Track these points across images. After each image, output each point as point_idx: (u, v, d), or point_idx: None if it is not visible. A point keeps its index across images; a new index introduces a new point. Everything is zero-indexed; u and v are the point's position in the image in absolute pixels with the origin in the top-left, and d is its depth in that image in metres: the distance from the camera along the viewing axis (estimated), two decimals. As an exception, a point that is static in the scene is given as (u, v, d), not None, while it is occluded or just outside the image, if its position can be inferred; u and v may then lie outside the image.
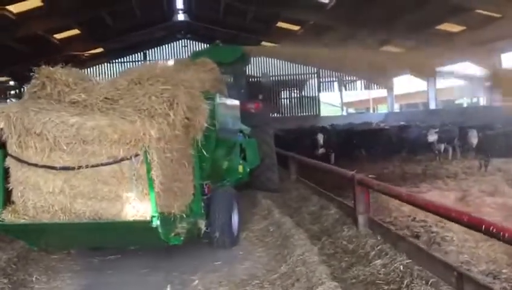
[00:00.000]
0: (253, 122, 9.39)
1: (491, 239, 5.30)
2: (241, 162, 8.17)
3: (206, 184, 5.95)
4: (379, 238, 5.73)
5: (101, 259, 5.91)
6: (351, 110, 41.03)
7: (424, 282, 4.40)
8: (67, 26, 21.36)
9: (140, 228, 4.61)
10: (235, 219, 6.34)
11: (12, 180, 4.73)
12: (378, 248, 5.41)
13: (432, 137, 14.59)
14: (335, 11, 19.38)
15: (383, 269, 4.91)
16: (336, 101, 36.97)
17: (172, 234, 4.97)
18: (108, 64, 31.85)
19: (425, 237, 6.17)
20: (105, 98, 4.91)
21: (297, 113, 33.82)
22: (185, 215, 5.21)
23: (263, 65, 32.08)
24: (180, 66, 7.08)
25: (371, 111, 37.55)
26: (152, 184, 4.49)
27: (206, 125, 5.48)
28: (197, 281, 4.98)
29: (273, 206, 7.82)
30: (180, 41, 32.13)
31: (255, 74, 30.39)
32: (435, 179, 11.06)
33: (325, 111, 35.65)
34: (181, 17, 27.25)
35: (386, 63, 25.41)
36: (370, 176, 6.55)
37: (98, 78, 5.53)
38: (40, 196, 4.66)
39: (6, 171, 4.74)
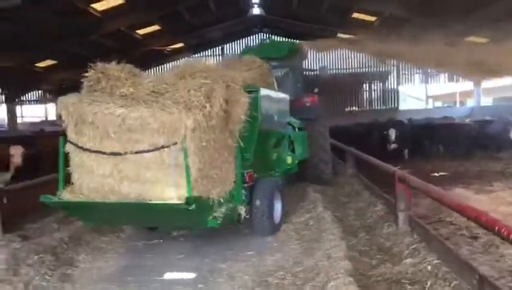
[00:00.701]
0: (308, 116, 9.70)
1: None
2: (289, 153, 8.45)
3: (247, 173, 6.33)
4: (416, 237, 5.78)
5: (145, 243, 6.47)
6: (438, 104, 39.39)
7: (447, 283, 4.46)
8: (148, 22, 22.70)
9: (178, 209, 5.10)
10: (277, 208, 6.71)
11: (71, 164, 5.46)
12: (413, 247, 5.47)
13: None
14: (413, 1, 18.83)
15: (411, 269, 4.97)
16: (421, 94, 35.75)
17: (210, 218, 5.41)
18: (190, 59, 33.37)
19: (484, 238, 6.07)
20: (152, 91, 5.48)
21: (376, 106, 33.19)
22: (223, 201, 5.64)
23: (340, 58, 31.90)
24: (228, 62, 7.54)
25: (457, 105, 35.65)
26: (188, 170, 4.97)
27: (245, 117, 5.84)
28: (224, 269, 5.29)
29: (319, 200, 7.93)
30: (257, 35, 32.77)
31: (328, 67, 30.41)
32: (510, 178, 10.80)
33: (408, 104, 34.59)
34: (256, 11, 27.75)
35: (471, 54, 24.20)
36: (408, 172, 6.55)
37: (149, 73, 6.13)
38: (93, 178, 5.34)
39: (66, 156, 5.47)
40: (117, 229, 6.98)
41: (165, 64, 31.75)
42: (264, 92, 6.80)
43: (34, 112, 34.47)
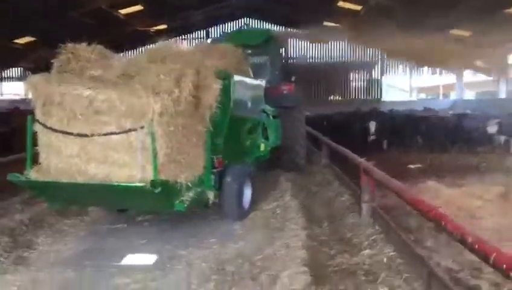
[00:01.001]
0: (286, 103, 9.85)
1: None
2: (262, 140, 8.59)
3: (217, 158, 6.43)
4: (377, 228, 5.95)
5: (108, 227, 6.48)
6: (422, 96, 39.90)
7: (399, 276, 4.62)
8: (130, 2, 22.63)
9: (144, 192, 5.17)
10: (247, 194, 6.86)
11: (39, 144, 5.51)
12: (373, 238, 5.64)
13: (492, 128, 14.50)
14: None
15: (368, 260, 5.11)
16: (406, 85, 36.18)
17: (177, 201, 5.52)
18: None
19: None
20: (122, 74, 5.55)
21: (360, 96, 33.53)
22: (191, 185, 5.74)
23: (326, 47, 32.02)
24: (201, 48, 7.62)
25: (440, 97, 36.19)
26: (155, 154, 5.08)
27: (216, 103, 5.94)
28: (184, 256, 5.34)
29: (289, 189, 8.04)
30: (242, 19, 32.75)
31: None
32: (485, 173, 10.98)
33: (393, 96, 35.03)
34: (240, -5, 27.69)
35: (454, 48, 24.52)
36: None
37: (121, 55, 6.18)
38: (61, 159, 5.40)
39: (34, 136, 5.52)
40: (82, 212, 6.98)
41: (150, 45, 31.47)
42: (236, 78, 6.86)
43: (14, 89, 34.08)
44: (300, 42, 32.50)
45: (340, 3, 22.94)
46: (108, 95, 5.07)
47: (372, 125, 15.80)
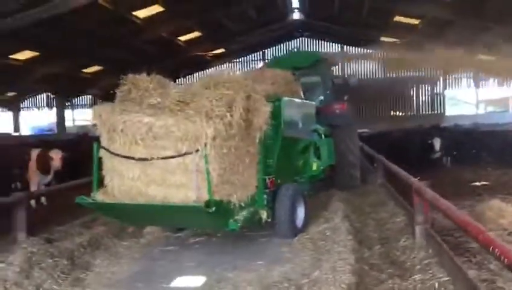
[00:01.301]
0: (338, 122, 10.15)
1: None
2: (315, 160, 8.81)
3: (269, 178, 6.72)
4: (430, 251, 5.75)
5: (161, 249, 6.78)
6: (490, 109, 38.28)
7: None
8: (188, 29, 23.67)
9: (199, 211, 5.55)
10: (299, 213, 7.08)
11: (104, 167, 6.05)
12: (426, 262, 5.46)
13: None
14: (457, 3, 18.56)
15: (419, 285, 4.97)
16: (471, 98, 34.92)
17: (231, 220, 5.84)
18: (230, 64, 34.27)
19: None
20: (178, 101, 5.98)
21: (423, 111, 32.75)
22: (244, 205, 6.07)
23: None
24: (252, 74, 8.02)
25: (510, 110, 34.50)
26: (209, 175, 5.43)
27: (267, 125, 6.25)
28: (231, 278, 5.47)
29: (341, 209, 7.96)
30: (298, 39, 33.17)
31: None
32: None
33: (458, 109, 33.95)
34: (296, 15, 28.16)
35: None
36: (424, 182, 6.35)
37: (177, 83, 6.66)
38: (123, 181, 5.91)
39: (100, 161, 6.06)
40: (137, 235, 7.36)
41: (207, 70, 32.73)
42: (286, 100, 7.20)
43: (85, 116, 36.51)
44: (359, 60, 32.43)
45: (397, 18, 22.68)
46: (166, 122, 5.50)
47: (437, 142, 15.26)
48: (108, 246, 6.90)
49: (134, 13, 18.94)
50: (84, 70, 25.59)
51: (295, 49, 12.72)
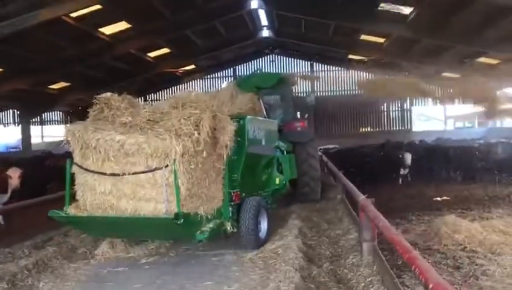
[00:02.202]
0: (300, 139, 11.06)
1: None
2: (277, 174, 9.50)
3: (234, 192, 7.28)
4: (375, 269, 5.95)
5: (110, 270, 6.66)
6: (459, 125, 39.94)
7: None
8: (157, 46, 24.30)
9: (168, 224, 6.07)
10: (263, 224, 7.65)
11: (76, 183, 6.52)
12: (369, 279, 5.63)
13: None
14: (418, 23, 19.56)
15: None
16: (440, 114, 36.42)
17: (198, 232, 6.37)
18: (201, 80, 34.95)
19: (466, 269, 6.46)
20: (148, 120, 6.51)
21: (390, 127, 34.01)
22: (210, 217, 6.62)
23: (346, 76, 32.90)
24: (218, 94, 8.67)
25: (476, 126, 36.16)
26: (178, 189, 5.96)
27: (232, 142, 6.80)
28: None
29: (296, 227, 8.20)
30: (268, 56, 34.25)
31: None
32: None
33: (425, 126, 35.36)
34: (266, 33, 29.09)
35: (485, 75, 24.87)
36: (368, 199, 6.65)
37: (146, 103, 7.20)
38: (95, 196, 6.40)
39: (72, 176, 6.53)
40: (88, 256, 7.34)
41: (179, 85, 33.33)
42: (250, 119, 7.88)
43: (56, 131, 36.56)
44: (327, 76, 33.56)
45: (363, 37, 23.82)
46: (137, 139, 6.03)
47: (408, 157, 15.77)
48: (55, 268, 6.78)
49: (100, 30, 19.38)
50: (51, 86, 25.74)
51: (258, 70, 13.89)
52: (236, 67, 34.61)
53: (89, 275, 6.55)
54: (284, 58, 34.35)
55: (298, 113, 13.28)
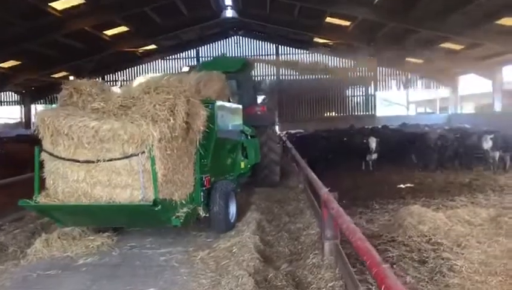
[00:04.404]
0: (260, 123, 11.61)
1: (500, 274, 5.73)
2: (242, 159, 9.90)
3: (205, 177, 7.50)
4: (337, 272, 5.59)
5: (40, 273, 6.10)
6: (421, 110, 41.20)
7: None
8: (113, 23, 23.76)
9: (145, 210, 6.19)
10: (232, 208, 7.93)
11: (45, 170, 6.50)
12: (331, 285, 5.28)
13: (487, 144, 14.59)
14: (384, 6, 20.16)
15: None
16: (402, 100, 37.47)
17: (173, 217, 6.55)
18: (163, 61, 34.63)
19: (432, 263, 6.25)
20: (120, 105, 6.56)
21: (355, 112, 34.78)
22: (184, 203, 6.82)
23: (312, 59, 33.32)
24: (186, 76, 8.82)
25: (437, 112, 37.48)
26: (155, 175, 6.08)
27: (204, 128, 7.00)
28: None
29: (254, 221, 7.93)
30: (233, 38, 34.28)
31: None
32: (477, 192, 11.41)
33: (388, 111, 36.31)
34: (230, 13, 29.04)
35: (447, 60, 25.84)
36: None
37: (116, 87, 7.21)
38: (67, 184, 6.39)
39: (41, 164, 6.51)
40: (19, 255, 6.83)
41: (139, 66, 32.86)
42: (219, 104, 8.13)
43: (10, 113, 35.91)
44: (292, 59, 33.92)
45: (329, 19, 24.18)
46: (112, 125, 6.07)
47: (373, 142, 15.86)
48: None
49: (51, 4, 18.83)
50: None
51: (222, 55, 14.65)
52: (200, 48, 34.52)
53: (15, 279, 5.94)
54: (249, 40, 34.49)
55: (260, 97, 13.80)
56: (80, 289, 5.58)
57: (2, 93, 35.16)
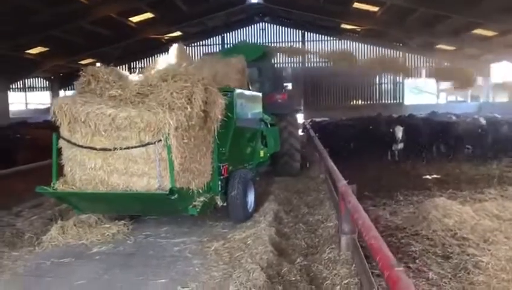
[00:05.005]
0: (281, 111, 11.54)
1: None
2: (262, 147, 9.82)
3: (223, 166, 7.45)
4: (353, 268, 5.40)
5: (54, 261, 6.07)
6: (451, 98, 40.32)
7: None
8: (139, 9, 23.80)
9: (162, 199, 6.18)
10: (250, 197, 7.90)
11: (63, 157, 6.54)
12: (346, 282, 5.12)
13: None
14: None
15: None
16: (433, 88, 36.74)
17: (190, 206, 6.55)
18: (188, 48, 34.64)
19: (457, 259, 6.02)
20: (138, 93, 6.54)
21: (382, 100, 34.23)
22: (201, 191, 6.81)
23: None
24: (209, 61, 8.81)
25: (469, 100, 36.56)
26: (171, 164, 6.06)
27: (221, 116, 6.92)
28: None
29: (271, 212, 7.80)
30: (258, 24, 33.99)
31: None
32: (507, 185, 11.04)
33: (417, 99, 35.65)
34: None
35: (479, 47, 25.11)
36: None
37: (134, 74, 7.21)
38: (85, 171, 6.43)
39: (59, 151, 6.55)
40: (34, 242, 6.82)
41: (164, 53, 32.89)
42: (238, 93, 8.05)
43: (40, 98, 36.85)
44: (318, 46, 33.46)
45: (356, 5, 23.72)
46: (129, 113, 6.05)
47: (399, 131, 15.49)
48: (4, 259, 6.19)
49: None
50: (28, 51, 25.29)
51: (242, 42, 14.56)
52: (225, 35, 34.37)
53: (29, 266, 5.95)
54: (275, 26, 34.15)
55: (284, 85, 13.63)
56: (91, 277, 5.55)
57: (32, 79, 35.93)
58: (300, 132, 13.07)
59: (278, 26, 34.17)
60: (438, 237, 6.95)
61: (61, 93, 34.93)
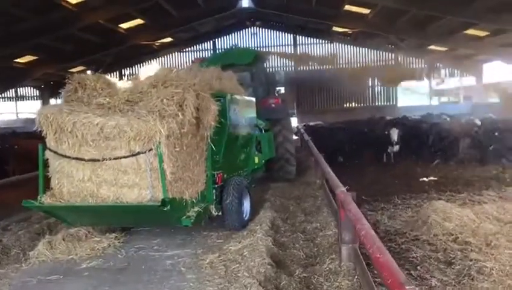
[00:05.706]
0: (274, 116, 11.38)
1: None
2: (256, 154, 9.60)
3: (217, 174, 7.21)
4: (355, 280, 5.21)
5: (40, 279, 5.81)
6: (443, 100, 40.25)
7: None
8: (128, 16, 23.37)
9: (154, 210, 5.93)
10: (245, 205, 7.65)
11: (50, 169, 6.27)
12: None
13: None
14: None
15: None
16: (425, 89, 36.63)
17: (184, 217, 6.28)
18: (179, 54, 34.40)
19: (459, 265, 5.84)
20: (127, 100, 6.29)
21: (375, 103, 34.09)
22: (195, 201, 6.55)
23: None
24: (198, 69, 8.55)
25: (461, 101, 36.48)
26: (163, 174, 5.80)
27: (214, 123, 6.70)
28: None
29: (268, 221, 7.53)
30: (249, 28, 33.71)
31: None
32: (505, 186, 10.92)
33: (410, 101, 35.50)
34: (246, 3, 28.44)
35: (471, 48, 25.06)
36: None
37: (123, 81, 6.96)
38: (73, 183, 6.17)
39: (46, 162, 6.27)
40: (21, 258, 6.58)
41: (156, 59, 32.69)
42: (231, 98, 7.87)
43: (31, 107, 35.84)
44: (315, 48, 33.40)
45: (347, 7, 23.56)
46: (118, 122, 5.81)
47: (394, 133, 15.45)
48: None
49: (65, -2, 18.54)
50: (17, 60, 24.92)
51: (234, 46, 14.40)
52: (216, 40, 34.03)
53: (14, 285, 5.67)
54: (266, 30, 33.93)
55: (276, 89, 13.50)
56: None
57: (22, 88, 35.42)
58: (294, 137, 12.87)
59: (269, 30, 33.94)
60: (439, 242, 6.78)
61: (52, 101, 34.49)
